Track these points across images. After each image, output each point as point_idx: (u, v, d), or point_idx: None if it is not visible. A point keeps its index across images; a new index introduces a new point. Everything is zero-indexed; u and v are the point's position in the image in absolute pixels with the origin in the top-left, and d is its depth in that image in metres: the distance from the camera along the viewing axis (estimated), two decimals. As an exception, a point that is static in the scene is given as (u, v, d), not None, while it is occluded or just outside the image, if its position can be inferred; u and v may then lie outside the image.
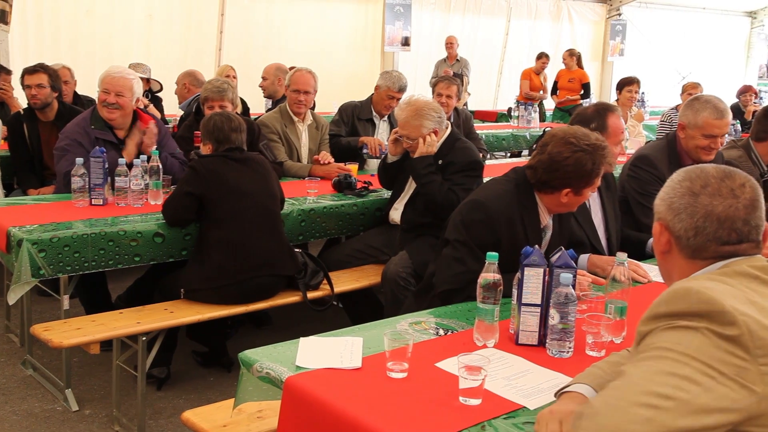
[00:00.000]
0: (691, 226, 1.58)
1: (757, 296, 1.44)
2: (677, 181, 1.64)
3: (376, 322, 2.46)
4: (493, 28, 12.67)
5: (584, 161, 2.66)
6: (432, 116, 3.89)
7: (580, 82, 10.56)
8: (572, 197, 2.75)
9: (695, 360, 1.33)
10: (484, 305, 2.24)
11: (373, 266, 4.18)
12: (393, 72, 5.45)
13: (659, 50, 14.15)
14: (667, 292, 1.44)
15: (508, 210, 2.75)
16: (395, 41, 11.05)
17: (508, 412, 1.83)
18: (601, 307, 2.43)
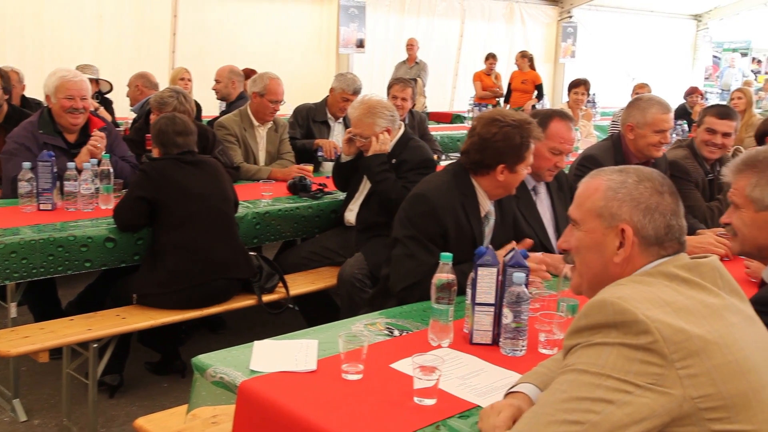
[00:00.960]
0: (663, 224, 1.60)
1: (675, 294, 1.47)
2: (635, 182, 1.64)
3: (331, 324, 2.45)
4: (448, 30, 12.76)
5: (512, 135, 2.75)
6: (385, 115, 3.91)
7: (533, 83, 10.71)
8: (508, 175, 2.81)
9: (610, 378, 1.36)
10: (438, 305, 2.25)
11: (328, 268, 4.17)
12: (347, 74, 5.46)
13: (609, 52, 14.42)
14: (586, 306, 1.47)
15: (450, 198, 2.80)
16: (350, 43, 11.04)
17: (462, 411, 1.84)
18: (553, 306, 2.47)
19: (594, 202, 1.66)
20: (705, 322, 1.43)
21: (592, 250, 1.67)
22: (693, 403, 1.36)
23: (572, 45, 13.95)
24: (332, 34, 11.02)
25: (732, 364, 1.40)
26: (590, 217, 1.66)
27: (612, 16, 14.68)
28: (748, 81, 13.21)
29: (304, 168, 4.82)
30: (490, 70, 11.06)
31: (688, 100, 9.52)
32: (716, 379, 1.38)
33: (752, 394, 1.41)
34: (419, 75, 10.37)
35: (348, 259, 3.95)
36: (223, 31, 9.97)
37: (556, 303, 2.46)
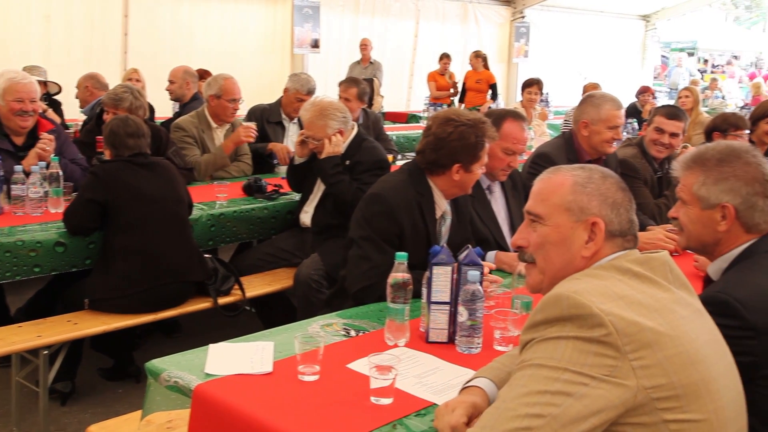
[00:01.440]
0: (627, 219, 1.65)
1: (627, 288, 1.50)
2: (600, 178, 1.67)
3: (288, 326, 2.44)
4: (403, 31, 12.80)
5: (467, 134, 2.77)
6: (336, 116, 3.91)
7: (487, 83, 10.82)
8: (464, 174, 2.83)
9: (567, 371, 1.38)
10: (394, 305, 2.26)
11: (285, 269, 4.15)
12: (301, 74, 5.44)
13: (561, 52, 14.64)
14: (542, 301, 1.49)
15: (405, 198, 2.81)
16: (304, 43, 11.00)
17: (418, 409, 1.85)
18: (507, 303, 2.49)
19: (562, 197, 1.67)
20: (656, 315, 1.46)
21: (559, 245, 1.68)
22: (646, 394, 1.39)
23: (525, 45, 14.12)
24: (287, 34, 10.97)
25: (683, 355, 1.44)
26: (557, 212, 1.68)
27: (563, 17, 14.89)
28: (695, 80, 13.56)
29: (248, 126, 4.82)
30: (444, 70, 11.14)
31: (639, 98, 9.71)
32: (668, 369, 1.41)
33: (702, 384, 1.45)
34: (374, 75, 10.38)
35: (304, 260, 3.93)
36: (176, 31, 9.85)
37: (510, 300, 2.49)
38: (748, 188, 1.97)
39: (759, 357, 1.83)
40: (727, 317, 1.81)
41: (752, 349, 1.81)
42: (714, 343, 1.58)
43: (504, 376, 1.83)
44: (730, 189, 1.98)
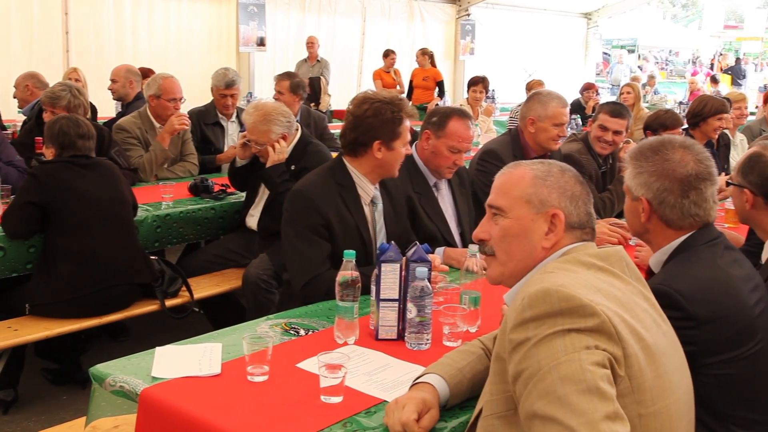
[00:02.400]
0: (585, 212, 1.69)
1: (600, 282, 1.53)
2: (559, 171, 1.71)
3: (236, 327, 2.42)
4: (350, 29, 12.78)
5: (383, 110, 2.80)
6: (280, 121, 3.88)
7: (434, 80, 10.88)
8: (386, 152, 2.84)
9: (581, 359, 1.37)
10: (343, 303, 2.26)
11: (233, 270, 4.11)
12: (219, 70, 5.36)
13: (507, 49, 14.81)
14: (528, 297, 1.46)
15: (327, 190, 2.83)
16: (250, 41, 10.89)
17: (369, 407, 1.86)
18: (456, 298, 2.51)
19: (523, 189, 1.70)
20: (627, 308, 1.50)
21: (519, 236, 1.70)
22: (629, 385, 1.42)
23: (471, 42, 14.24)
24: (232, 32, 10.84)
25: (650, 348, 1.47)
26: (519, 204, 1.70)
27: (508, 14, 15.07)
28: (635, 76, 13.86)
29: (181, 114, 4.77)
30: (389, 67, 11.16)
31: (584, 95, 9.87)
32: (642, 362, 1.44)
33: (665, 377, 1.49)
34: (322, 73, 10.35)
35: (252, 260, 3.90)
36: (119, 29, 9.64)
37: (459, 296, 2.51)
38: (659, 184, 2.01)
39: (700, 346, 1.88)
40: (670, 308, 1.86)
41: (694, 339, 1.86)
42: (666, 336, 1.61)
43: (454, 372, 1.85)
44: (644, 183, 2.03)
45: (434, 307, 2.30)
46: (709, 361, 1.90)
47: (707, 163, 2.03)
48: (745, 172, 2.36)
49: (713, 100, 5.24)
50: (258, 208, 4.05)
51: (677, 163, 2.01)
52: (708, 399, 1.91)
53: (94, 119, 6.20)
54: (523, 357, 1.42)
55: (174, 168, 4.91)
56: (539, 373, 1.38)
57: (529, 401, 1.39)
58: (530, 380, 1.39)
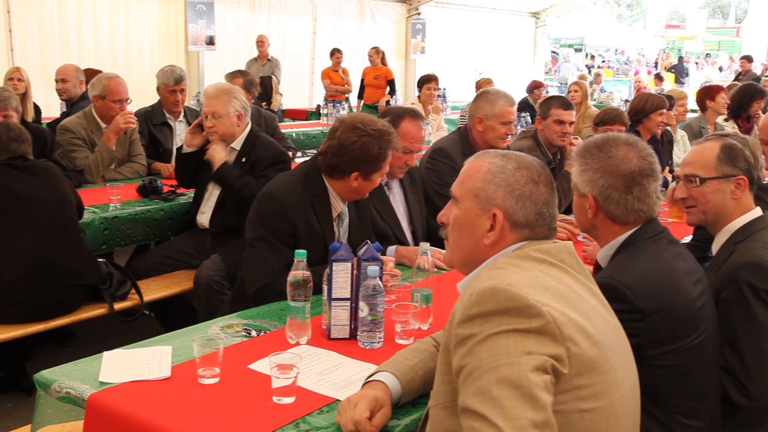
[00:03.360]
0: (534, 212, 1.65)
1: (549, 279, 1.55)
2: (513, 169, 1.68)
3: (187, 329, 2.39)
4: (301, 28, 12.72)
5: (371, 146, 2.76)
6: (239, 99, 3.88)
7: (385, 78, 10.90)
8: (362, 182, 2.83)
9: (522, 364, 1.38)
10: (294, 303, 2.25)
11: (184, 272, 4.06)
12: (165, 67, 5.28)
13: (457, 48, 14.92)
14: (477, 293, 1.48)
15: (299, 198, 2.80)
16: (199, 40, 10.75)
17: (321, 406, 1.86)
18: (407, 296, 2.52)
19: (473, 183, 1.70)
20: (575, 306, 1.52)
21: (465, 228, 1.71)
22: (571, 382, 1.44)
23: (422, 41, 14.31)
24: (180, 31, 10.69)
25: (597, 345, 1.49)
26: (468, 197, 1.70)
27: (458, 13, 15.18)
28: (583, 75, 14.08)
29: (126, 113, 4.68)
30: (337, 66, 11.14)
31: (533, 93, 9.99)
32: (588, 359, 1.46)
33: (611, 373, 1.51)
34: (272, 72, 10.27)
35: (204, 261, 3.85)
36: (64, 28, 9.40)
37: (410, 294, 2.52)
38: (603, 181, 2.05)
39: (645, 338, 1.93)
40: (616, 301, 1.90)
41: (639, 330, 1.91)
42: (614, 332, 1.64)
43: (406, 369, 1.86)
44: (590, 180, 2.08)
45: (386, 306, 2.30)
46: (654, 353, 1.95)
47: (650, 160, 2.08)
48: (733, 161, 2.39)
49: (653, 96, 5.42)
50: (209, 204, 4.00)
51: (621, 160, 2.06)
52: (654, 390, 1.96)
53: (38, 120, 6.06)
54: (466, 353, 1.44)
55: (122, 169, 4.82)
56: (479, 370, 1.40)
57: (465, 395, 1.41)
58: (470, 376, 1.42)
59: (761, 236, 2.33)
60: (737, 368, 2.20)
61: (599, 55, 28.80)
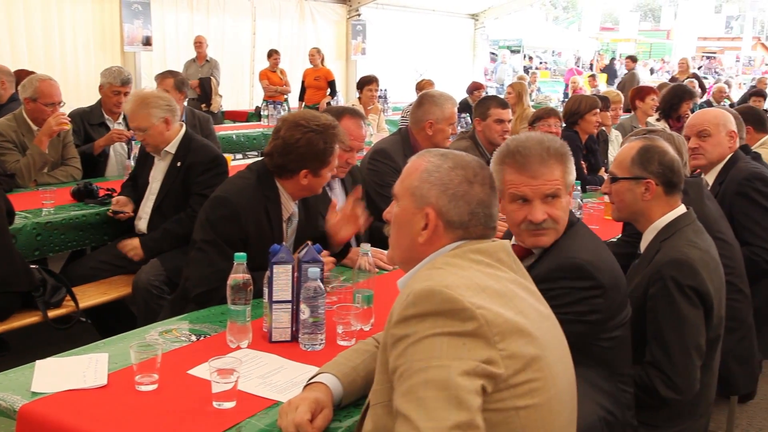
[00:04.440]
0: (467, 212, 1.65)
1: (487, 279, 1.56)
2: (448, 168, 1.68)
3: (124, 335, 2.34)
4: (240, 28, 12.59)
5: (315, 141, 2.75)
6: (160, 104, 3.79)
7: (325, 79, 10.88)
8: (312, 179, 2.82)
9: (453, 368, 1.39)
10: (235, 306, 2.23)
11: (122, 277, 3.96)
12: (112, 67, 5.18)
13: (398, 49, 14.99)
14: (414, 294, 1.49)
15: (252, 202, 2.77)
16: (135, 41, 10.53)
17: (262, 409, 1.84)
18: (349, 297, 2.53)
19: (411, 181, 1.70)
20: (512, 304, 1.53)
21: (403, 226, 1.72)
22: (507, 382, 1.45)
23: (362, 42, 14.33)
24: (116, 31, 10.46)
25: (533, 343, 1.51)
26: (406, 195, 1.71)
27: (398, 15, 15.25)
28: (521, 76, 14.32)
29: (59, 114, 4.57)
30: (275, 67, 11.06)
31: (473, 94, 10.08)
32: (524, 357, 1.48)
33: (546, 369, 1.53)
34: (211, 73, 10.14)
35: (143, 266, 3.78)
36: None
37: (352, 295, 2.52)
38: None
39: (604, 313, 2.05)
40: (581, 279, 2.00)
41: (600, 306, 2.03)
42: (552, 328, 1.67)
43: (348, 370, 1.86)
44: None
45: (328, 307, 2.30)
46: (609, 326, 2.07)
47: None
48: (645, 164, 2.46)
49: (586, 97, 5.60)
50: (146, 210, 3.93)
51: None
52: (605, 362, 2.09)
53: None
54: (400, 353, 1.45)
55: (55, 173, 4.70)
56: (409, 371, 1.42)
57: (396, 395, 1.43)
58: (401, 376, 1.43)
59: (685, 233, 2.42)
60: (664, 363, 2.28)
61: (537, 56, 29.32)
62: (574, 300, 2.03)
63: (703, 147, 3.52)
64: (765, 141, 4.41)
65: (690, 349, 2.30)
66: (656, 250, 2.41)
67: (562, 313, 2.00)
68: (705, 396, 2.44)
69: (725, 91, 12.19)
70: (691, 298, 2.29)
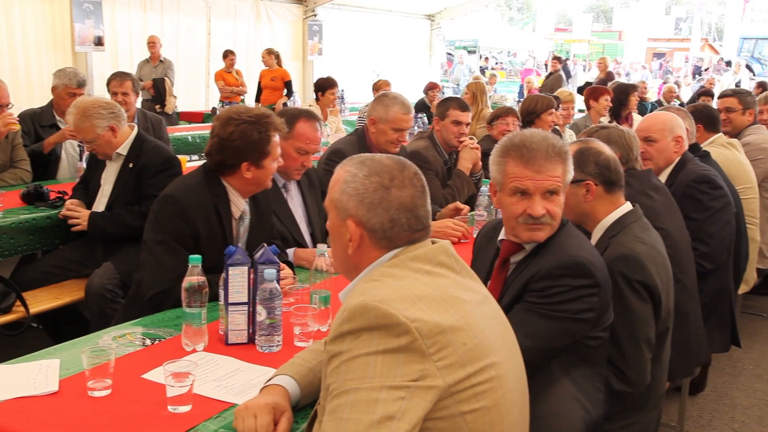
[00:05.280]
0: (387, 219, 1.62)
1: (424, 287, 1.54)
2: (364, 177, 1.64)
3: (76, 340, 2.30)
4: (195, 29, 12.42)
5: (249, 132, 2.74)
6: (102, 114, 3.74)
7: (282, 80, 10.83)
8: (256, 171, 2.79)
9: (383, 388, 1.40)
10: (190, 309, 2.22)
11: (74, 281, 3.90)
12: (67, 69, 5.08)
13: (355, 49, 14.97)
14: (348, 310, 1.48)
15: (200, 200, 2.75)
16: (87, 41, 10.33)
17: (218, 412, 1.83)
18: (306, 299, 2.52)
19: (333, 194, 1.69)
20: (453, 311, 1.52)
21: (334, 239, 1.72)
22: (449, 390, 1.45)
23: (319, 43, 14.28)
24: (67, 30, 10.24)
25: (477, 347, 1.51)
26: (331, 207, 1.70)
27: (354, 15, 15.23)
28: (477, 76, 14.42)
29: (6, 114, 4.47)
30: (230, 67, 10.98)
31: (429, 94, 10.14)
32: (466, 363, 1.48)
33: (493, 370, 1.53)
34: (165, 74, 10.01)
35: (96, 269, 3.72)
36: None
37: (309, 295, 2.52)
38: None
39: (598, 311, 2.10)
40: (582, 277, 2.04)
41: (595, 304, 2.08)
42: (499, 327, 1.67)
43: (305, 371, 1.86)
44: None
45: (285, 308, 2.30)
46: (598, 324, 2.12)
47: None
48: (582, 166, 2.50)
49: (542, 97, 5.68)
50: (99, 209, 3.87)
51: None
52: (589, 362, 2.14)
53: None
54: (334, 370, 1.46)
55: (3, 175, 4.59)
56: (339, 390, 1.43)
57: (326, 411, 1.44)
58: (332, 393, 1.44)
59: (632, 230, 2.47)
60: (616, 357, 2.33)
61: (492, 56, 29.62)
62: (572, 298, 2.06)
63: (649, 152, 3.60)
64: (714, 139, 4.51)
65: (640, 342, 2.35)
66: (605, 247, 2.45)
67: (560, 310, 2.05)
68: (656, 388, 2.49)
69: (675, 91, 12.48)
70: (639, 292, 2.34)
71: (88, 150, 3.77)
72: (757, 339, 4.94)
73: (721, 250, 3.54)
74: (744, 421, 3.82)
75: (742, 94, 5.18)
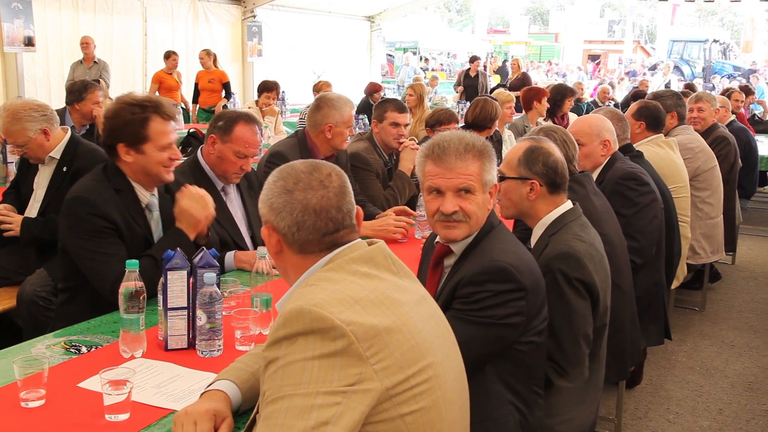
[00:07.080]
0: (292, 222, 1.62)
1: (360, 290, 1.54)
2: (272, 182, 1.67)
3: (7, 350, 2.23)
4: (130, 29, 12.16)
5: (123, 112, 2.72)
6: (34, 117, 3.65)
7: (220, 82, 10.67)
8: (136, 156, 2.72)
9: (319, 394, 1.39)
10: (128, 315, 2.17)
11: (5, 289, 3.77)
12: None
13: (295, 51, 14.88)
14: (284, 316, 1.48)
15: (105, 196, 2.70)
16: (16, 41, 10.01)
17: (158, 419, 1.80)
18: (247, 302, 2.50)
19: (262, 204, 1.70)
20: (389, 312, 1.52)
21: (269, 246, 1.71)
22: (387, 393, 1.45)
23: (258, 44, 14.15)
24: (-5, 31, 9.91)
25: (414, 348, 1.51)
26: (262, 215, 1.71)
27: (294, 16, 15.14)
28: (417, 77, 14.52)
29: None
30: (172, 69, 10.74)
31: (372, 96, 10.12)
32: (403, 365, 1.48)
33: (431, 370, 1.54)
34: (100, 75, 9.76)
35: (28, 276, 3.61)
36: None
37: (250, 299, 2.50)
38: None
39: (527, 315, 2.11)
40: (505, 282, 2.05)
41: (523, 308, 2.09)
42: (438, 326, 1.67)
43: (246, 376, 1.84)
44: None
45: (225, 312, 2.27)
46: (529, 328, 2.13)
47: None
48: (530, 165, 2.54)
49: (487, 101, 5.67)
50: (32, 214, 3.75)
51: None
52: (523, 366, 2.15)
53: None
54: (270, 376, 1.45)
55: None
56: (275, 396, 1.42)
57: (261, 416, 1.43)
58: (267, 399, 1.43)
59: (571, 228, 2.52)
60: (556, 352, 2.38)
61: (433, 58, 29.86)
62: (497, 303, 2.07)
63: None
64: (653, 139, 4.59)
65: (579, 338, 2.40)
66: (545, 244, 2.50)
67: (486, 316, 2.06)
68: (594, 383, 2.55)
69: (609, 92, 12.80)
70: (578, 289, 2.39)
71: (17, 154, 3.65)
72: (690, 332, 5.10)
73: (649, 244, 3.64)
74: (678, 412, 3.94)
75: (663, 97, 5.26)
